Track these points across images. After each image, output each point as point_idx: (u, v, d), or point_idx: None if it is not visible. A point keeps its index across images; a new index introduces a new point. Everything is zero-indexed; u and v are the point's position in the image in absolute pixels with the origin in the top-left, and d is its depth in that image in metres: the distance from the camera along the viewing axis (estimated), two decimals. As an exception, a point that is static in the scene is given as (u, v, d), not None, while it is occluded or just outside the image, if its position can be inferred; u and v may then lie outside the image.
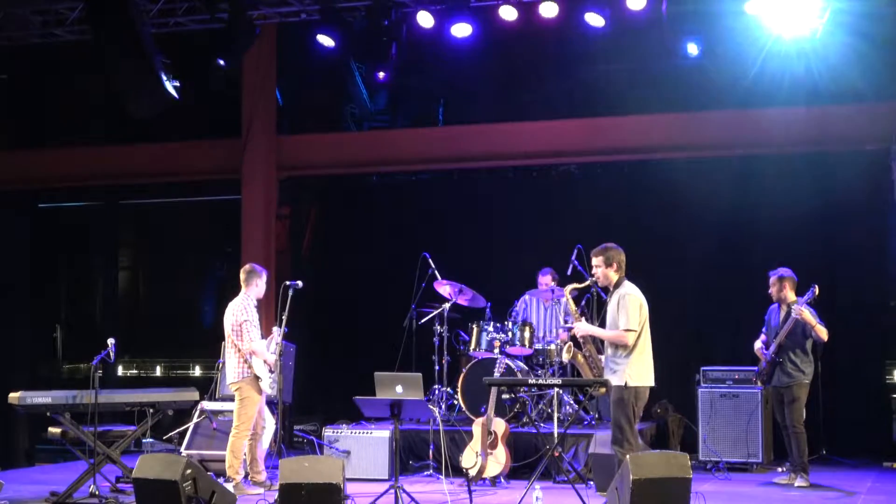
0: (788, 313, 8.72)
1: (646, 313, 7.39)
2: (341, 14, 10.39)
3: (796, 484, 8.70)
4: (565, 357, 8.01)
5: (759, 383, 9.17)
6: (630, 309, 7.29)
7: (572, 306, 8.01)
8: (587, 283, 7.93)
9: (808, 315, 8.58)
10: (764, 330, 9.06)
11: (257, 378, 8.50)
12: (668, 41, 10.09)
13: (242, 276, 8.80)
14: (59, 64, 12.18)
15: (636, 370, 7.30)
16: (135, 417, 9.13)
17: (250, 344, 8.49)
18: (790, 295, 8.81)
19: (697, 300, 11.16)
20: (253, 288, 8.76)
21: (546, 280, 10.18)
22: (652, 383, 7.42)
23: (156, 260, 14.40)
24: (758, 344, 9.02)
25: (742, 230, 11.07)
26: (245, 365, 8.53)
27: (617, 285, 7.45)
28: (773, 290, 8.90)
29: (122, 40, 9.59)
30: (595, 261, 7.50)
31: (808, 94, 10.77)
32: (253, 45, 10.62)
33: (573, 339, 8.08)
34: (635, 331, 7.29)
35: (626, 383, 7.23)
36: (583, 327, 7.69)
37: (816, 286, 8.51)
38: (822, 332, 8.65)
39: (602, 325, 7.64)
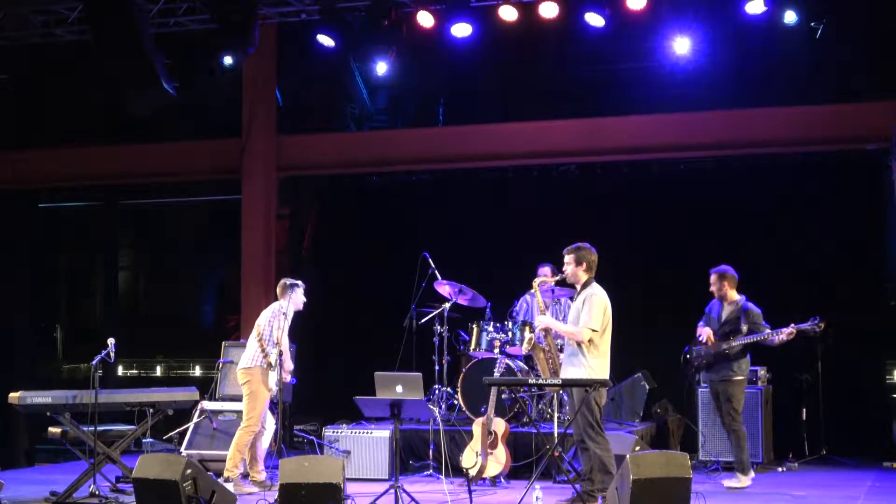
0: (733, 310, 8.66)
1: (609, 317, 7.55)
2: (341, 14, 10.39)
3: (727, 484, 8.51)
4: (525, 348, 8.11)
5: (687, 368, 9.00)
6: (595, 309, 7.48)
7: (540, 300, 8.13)
8: (557, 277, 8.07)
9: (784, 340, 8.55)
10: (701, 323, 8.92)
11: (269, 367, 8.48)
12: (667, 41, 10.10)
13: (279, 290, 8.80)
14: (59, 64, 12.18)
15: (598, 371, 7.48)
16: (135, 417, 9.14)
17: (278, 332, 8.52)
18: (731, 293, 8.72)
19: (698, 300, 11.13)
20: (295, 299, 8.76)
21: (545, 272, 10.16)
22: (610, 385, 7.63)
23: (156, 260, 14.41)
24: (707, 331, 8.76)
25: (741, 229, 11.07)
26: (261, 354, 8.57)
27: (585, 285, 7.65)
28: (713, 288, 8.80)
29: (122, 40, 9.59)
30: (566, 258, 7.72)
31: (807, 93, 10.78)
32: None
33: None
34: (597, 331, 7.47)
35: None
36: (544, 320, 7.91)
37: (822, 322, 8.50)
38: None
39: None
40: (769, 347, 8.85)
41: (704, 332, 8.80)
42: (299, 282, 8.86)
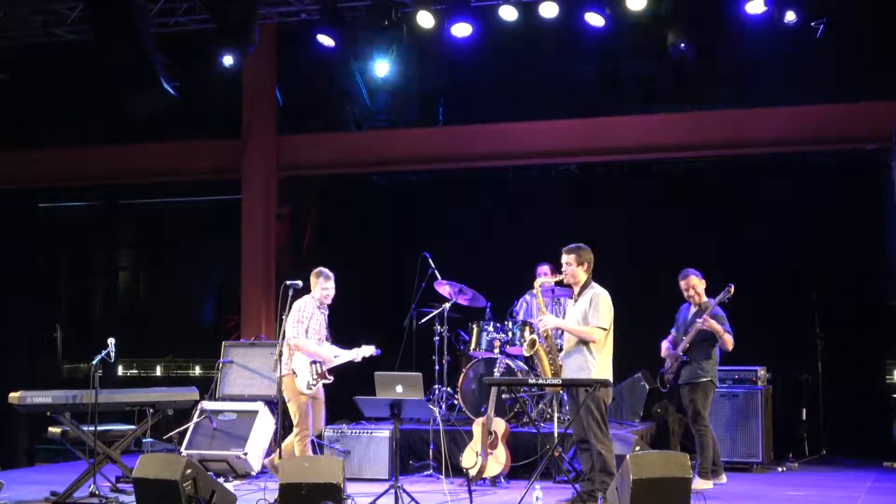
0: (696, 314, 8.55)
1: (612, 316, 7.60)
2: (341, 14, 10.39)
3: (694, 486, 8.44)
4: (526, 351, 8.09)
5: (662, 386, 8.88)
6: (602, 308, 7.54)
7: (541, 301, 8.12)
8: (558, 278, 8.00)
9: (715, 325, 8.36)
10: (673, 329, 8.86)
11: (293, 374, 8.45)
12: (667, 41, 10.10)
13: (312, 279, 8.75)
14: (59, 64, 12.18)
15: (604, 371, 7.53)
16: (135, 417, 9.14)
17: (295, 340, 8.46)
18: (698, 296, 8.58)
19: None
20: (317, 289, 8.73)
21: (545, 270, 10.14)
22: (611, 384, 7.64)
23: (156, 260, 14.40)
24: (665, 344, 8.79)
25: (741, 230, 11.07)
26: (289, 360, 8.53)
27: (585, 285, 7.69)
28: (683, 292, 8.65)
29: (122, 40, 9.60)
30: (566, 258, 7.72)
31: (807, 93, 10.79)
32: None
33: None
34: (606, 329, 7.54)
35: None
36: (550, 321, 7.87)
37: (732, 286, 8.34)
38: (728, 342, 8.42)
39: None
40: (768, 347, 8.84)
41: (662, 348, 8.79)
42: (313, 273, 8.73)
